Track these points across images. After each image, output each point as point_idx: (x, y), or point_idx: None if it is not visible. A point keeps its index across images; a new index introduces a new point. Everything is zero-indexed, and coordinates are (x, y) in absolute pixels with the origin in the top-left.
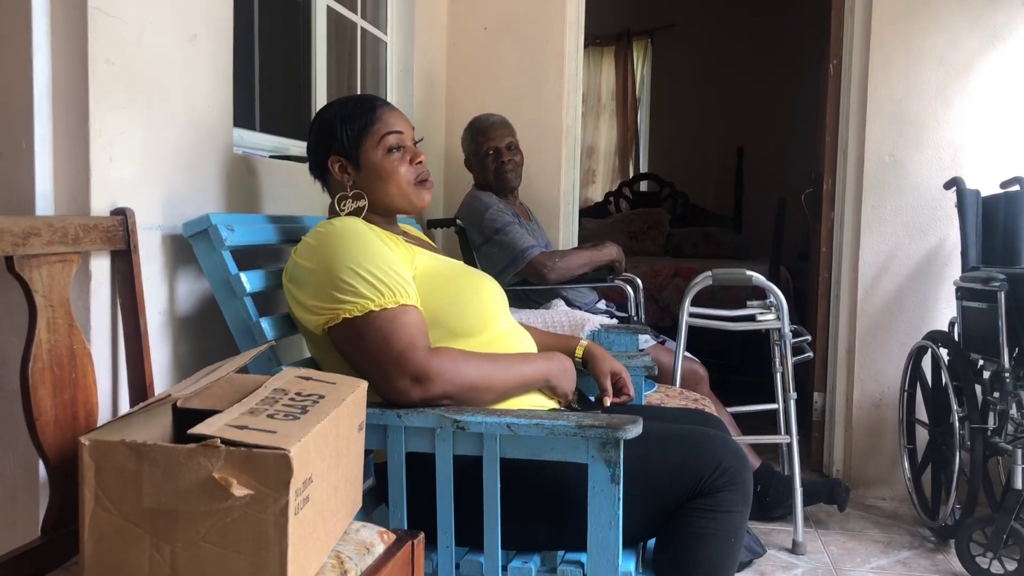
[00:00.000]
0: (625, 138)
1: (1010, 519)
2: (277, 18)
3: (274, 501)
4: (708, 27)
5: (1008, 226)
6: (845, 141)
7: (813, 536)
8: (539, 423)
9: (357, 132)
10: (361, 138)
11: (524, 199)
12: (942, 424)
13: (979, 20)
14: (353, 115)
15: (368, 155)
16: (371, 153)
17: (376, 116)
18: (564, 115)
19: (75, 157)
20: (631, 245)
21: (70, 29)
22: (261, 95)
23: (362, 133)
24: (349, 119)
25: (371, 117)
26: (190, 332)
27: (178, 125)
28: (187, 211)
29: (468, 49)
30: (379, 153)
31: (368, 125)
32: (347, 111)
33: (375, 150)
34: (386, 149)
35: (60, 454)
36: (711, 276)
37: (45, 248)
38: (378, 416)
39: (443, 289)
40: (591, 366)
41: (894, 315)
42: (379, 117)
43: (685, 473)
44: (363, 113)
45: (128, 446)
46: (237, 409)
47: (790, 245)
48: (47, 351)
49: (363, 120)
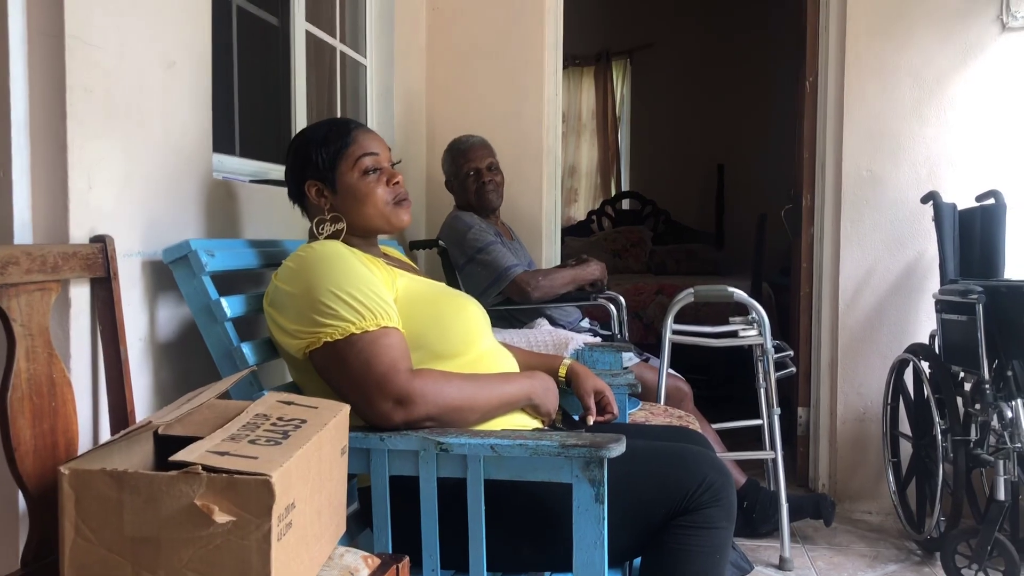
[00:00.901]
0: (606, 157)
1: (994, 530)
2: (256, 43)
3: (256, 527)
4: (687, 46)
5: (985, 239)
6: (823, 157)
7: (800, 552)
8: (522, 443)
9: (332, 155)
10: (336, 161)
11: (506, 219)
12: (925, 437)
13: (951, 37)
14: (327, 139)
15: (344, 177)
16: (347, 175)
17: (351, 139)
18: (544, 135)
19: (54, 185)
20: (614, 263)
21: (47, 57)
22: (241, 120)
23: (337, 156)
24: (324, 143)
25: (346, 140)
26: (171, 358)
27: (157, 151)
28: (167, 237)
29: (448, 71)
30: (355, 175)
31: (343, 148)
32: (321, 135)
33: (351, 172)
34: (362, 171)
35: (40, 484)
36: (693, 293)
37: (24, 277)
38: (361, 440)
39: (425, 310)
40: (574, 385)
41: (875, 329)
42: (354, 139)
43: (669, 490)
44: (337, 136)
45: (109, 474)
46: (219, 435)
47: (772, 260)
48: (26, 380)
49: (338, 143)
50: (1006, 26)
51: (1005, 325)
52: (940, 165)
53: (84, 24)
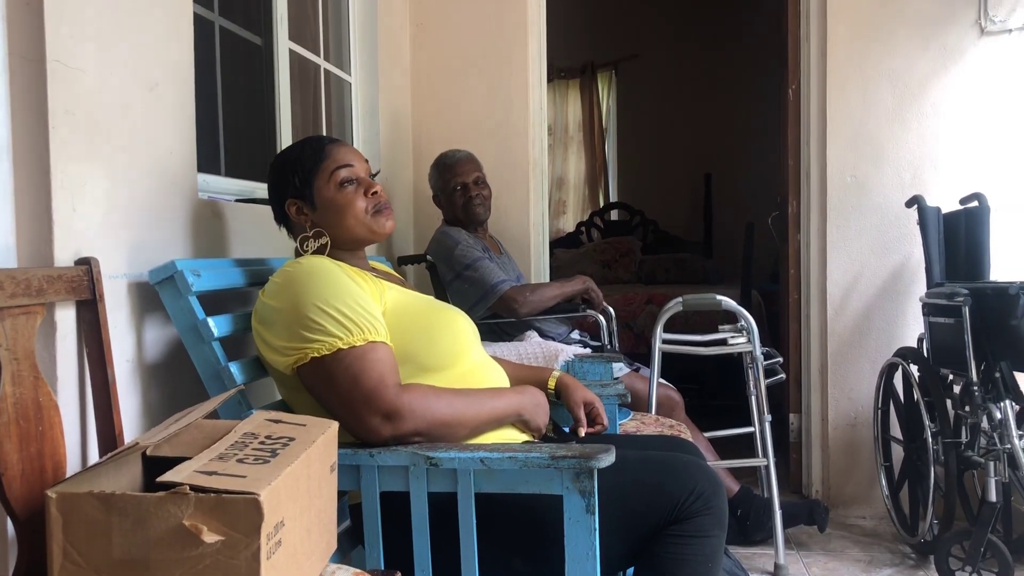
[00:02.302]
0: (594, 168)
1: (987, 532)
2: (240, 63)
3: (246, 546)
4: (671, 57)
5: (970, 241)
6: (807, 164)
7: (795, 558)
8: (512, 456)
9: (308, 172)
10: (312, 177)
11: (494, 232)
12: (916, 440)
13: (931, 42)
14: (302, 157)
15: (321, 192)
16: (324, 190)
17: (324, 154)
18: (530, 148)
19: (37, 208)
20: (604, 274)
21: (28, 81)
22: (226, 139)
23: (312, 172)
24: (299, 161)
25: (320, 155)
26: (159, 379)
27: (142, 173)
28: (153, 258)
29: (433, 86)
30: (331, 188)
31: (318, 163)
32: (295, 154)
33: (327, 186)
34: (338, 183)
35: (28, 509)
36: (682, 302)
37: (8, 301)
38: (350, 456)
39: (413, 323)
40: (564, 397)
41: (864, 334)
42: (328, 154)
43: (660, 499)
44: (312, 153)
45: (96, 497)
46: (207, 455)
47: (761, 268)
48: (12, 404)
49: (312, 160)
50: (984, 30)
51: (992, 327)
52: (923, 169)
53: (65, 48)
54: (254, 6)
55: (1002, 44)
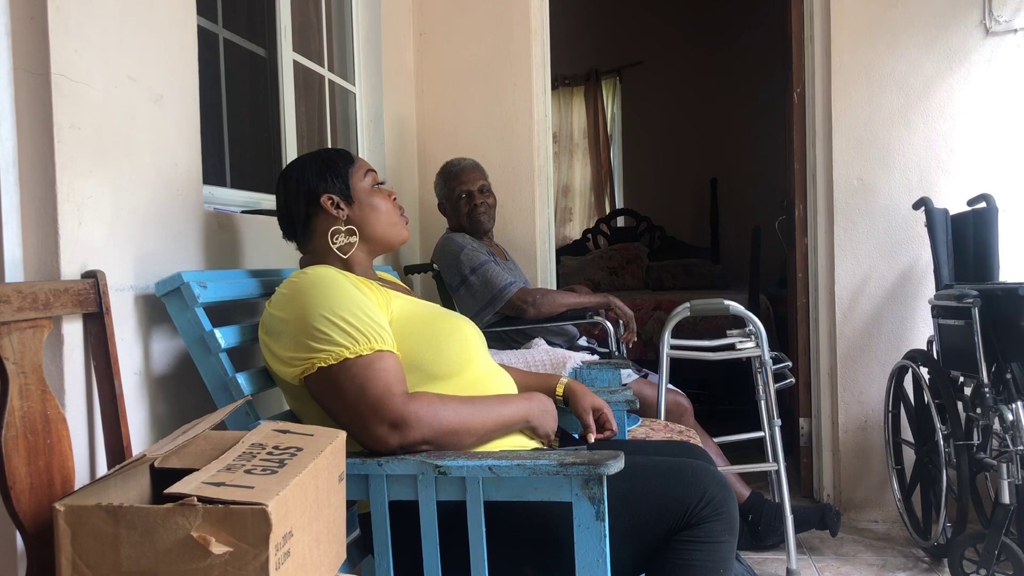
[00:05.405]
0: (599, 175)
1: (1001, 534)
2: (244, 74)
3: (254, 557)
4: (675, 62)
5: (978, 243)
6: (813, 167)
7: (807, 563)
8: (520, 463)
9: (345, 170)
10: (350, 174)
11: (500, 240)
12: (927, 443)
13: (935, 44)
14: (334, 158)
15: (357, 189)
16: (360, 187)
17: (352, 157)
18: (535, 156)
19: (44, 222)
20: (611, 280)
21: (34, 96)
22: (231, 151)
23: (349, 170)
24: (331, 162)
25: (350, 157)
26: (167, 391)
27: (147, 185)
28: (159, 270)
29: (437, 95)
30: (367, 187)
31: (351, 163)
32: (325, 156)
33: (363, 185)
34: (372, 184)
35: (36, 522)
36: (689, 308)
37: (15, 315)
38: (359, 466)
39: (420, 332)
40: (572, 403)
41: (873, 336)
42: (355, 159)
43: (670, 505)
44: (342, 156)
45: (104, 509)
46: (214, 466)
47: (769, 272)
48: (20, 418)
49: (345, 161)
50: (989, 30)
51: (1002, 328)
52: (930, 171)
53: (70, 62)
54: (258, 18)
55: (1007, 44)
